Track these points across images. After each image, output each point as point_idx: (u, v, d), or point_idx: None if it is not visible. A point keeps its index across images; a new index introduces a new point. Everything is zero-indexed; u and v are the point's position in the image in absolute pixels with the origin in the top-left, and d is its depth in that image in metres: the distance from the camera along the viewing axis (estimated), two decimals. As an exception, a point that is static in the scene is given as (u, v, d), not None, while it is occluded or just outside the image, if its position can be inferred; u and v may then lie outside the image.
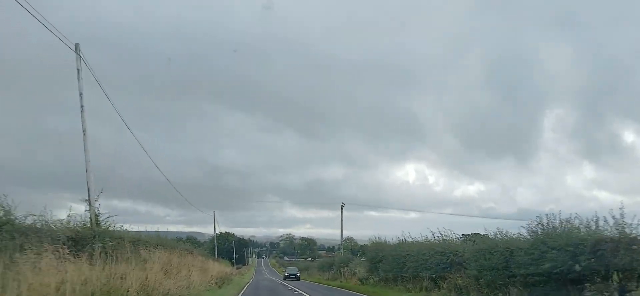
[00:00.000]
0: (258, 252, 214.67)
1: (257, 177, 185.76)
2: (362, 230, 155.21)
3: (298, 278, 62.84)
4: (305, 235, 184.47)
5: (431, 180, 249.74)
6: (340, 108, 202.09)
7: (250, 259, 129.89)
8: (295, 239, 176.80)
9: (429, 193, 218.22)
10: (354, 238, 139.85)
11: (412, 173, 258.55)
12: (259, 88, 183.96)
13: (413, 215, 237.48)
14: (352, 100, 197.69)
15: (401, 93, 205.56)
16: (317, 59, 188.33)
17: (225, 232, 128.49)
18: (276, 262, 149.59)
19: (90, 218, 17.89)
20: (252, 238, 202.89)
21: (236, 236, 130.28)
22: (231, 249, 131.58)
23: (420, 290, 25.05)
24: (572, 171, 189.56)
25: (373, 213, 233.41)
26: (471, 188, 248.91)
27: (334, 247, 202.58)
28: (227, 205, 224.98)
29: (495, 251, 19.01)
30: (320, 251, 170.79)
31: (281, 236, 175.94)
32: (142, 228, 28.67)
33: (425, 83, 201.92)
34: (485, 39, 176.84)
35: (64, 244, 13.82)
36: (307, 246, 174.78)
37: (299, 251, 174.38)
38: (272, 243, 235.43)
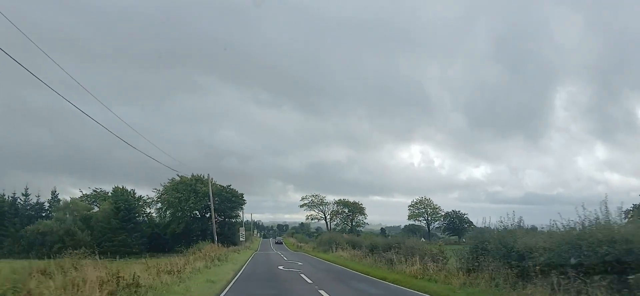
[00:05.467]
0: (264, 233, 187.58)
1: (258, 159, 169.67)
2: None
3: None
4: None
5: (437, 162, 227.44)
6: (342, 78, 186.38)
7: (242, 233, 65.44)
8: (326, 203, 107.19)
9: (434, 176, 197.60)
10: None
11: (417, 155, 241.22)
12: (253, 57, 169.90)
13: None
14: (355, 69, 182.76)
15: (405, 60, 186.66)
16: (314, 19, 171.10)
17: (193, 177, 64.16)
18: (300, 243, 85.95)
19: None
20: (259, 222, 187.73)
21: (217, 184, 65.69)
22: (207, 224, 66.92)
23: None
24: (584, 151, 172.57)
25: (377, 197, 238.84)
26: (477, 171, 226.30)
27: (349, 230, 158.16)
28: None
29: None
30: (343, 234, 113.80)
31: (304, 198, 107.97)
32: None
33: (431, 51, 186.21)
34: (492, 8, 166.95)
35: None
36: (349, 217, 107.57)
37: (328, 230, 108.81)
38: (279, 226, 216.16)
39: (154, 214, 68.39)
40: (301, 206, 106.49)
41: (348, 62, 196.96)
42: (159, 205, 65.82)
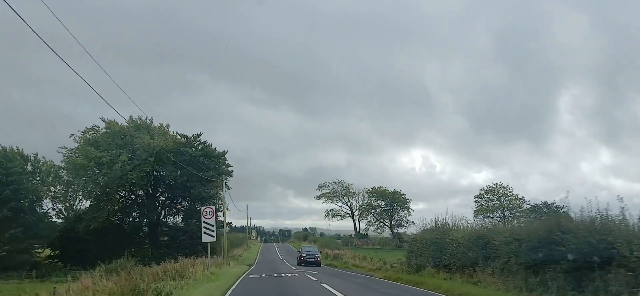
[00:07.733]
0: (265, 238, 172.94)
1: (256, 162, 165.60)
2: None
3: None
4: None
5: (438, 167, 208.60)
6: (341, 76, 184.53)
7: (207, 229, 30.45)
8: (353, 193, 72.67)
9: (435, 181, 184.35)
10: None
11: (418, 159, 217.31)
12: (250, 55, 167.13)
13: (421, 205, 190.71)
14: (354, 67, 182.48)
15: (406, 58, 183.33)
16: (312, 15, 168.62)
17: (130, 123, 33.34)
18: (330, 249, 55.44)
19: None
20: (260, 228, 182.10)
21: (176, 133, 35.88)
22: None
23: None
24: (588, 156, 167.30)
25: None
26: (479, 177, 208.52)
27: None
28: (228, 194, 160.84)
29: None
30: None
31: (321, 186, 76.04)
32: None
33: (431, 48, 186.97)
34: (493, 6, 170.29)
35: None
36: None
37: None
38: (281, 231, 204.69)
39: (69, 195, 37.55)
40: (318, 197, 75.69)
41: (347, 59, 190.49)
42: (63, 174, 35.16)
